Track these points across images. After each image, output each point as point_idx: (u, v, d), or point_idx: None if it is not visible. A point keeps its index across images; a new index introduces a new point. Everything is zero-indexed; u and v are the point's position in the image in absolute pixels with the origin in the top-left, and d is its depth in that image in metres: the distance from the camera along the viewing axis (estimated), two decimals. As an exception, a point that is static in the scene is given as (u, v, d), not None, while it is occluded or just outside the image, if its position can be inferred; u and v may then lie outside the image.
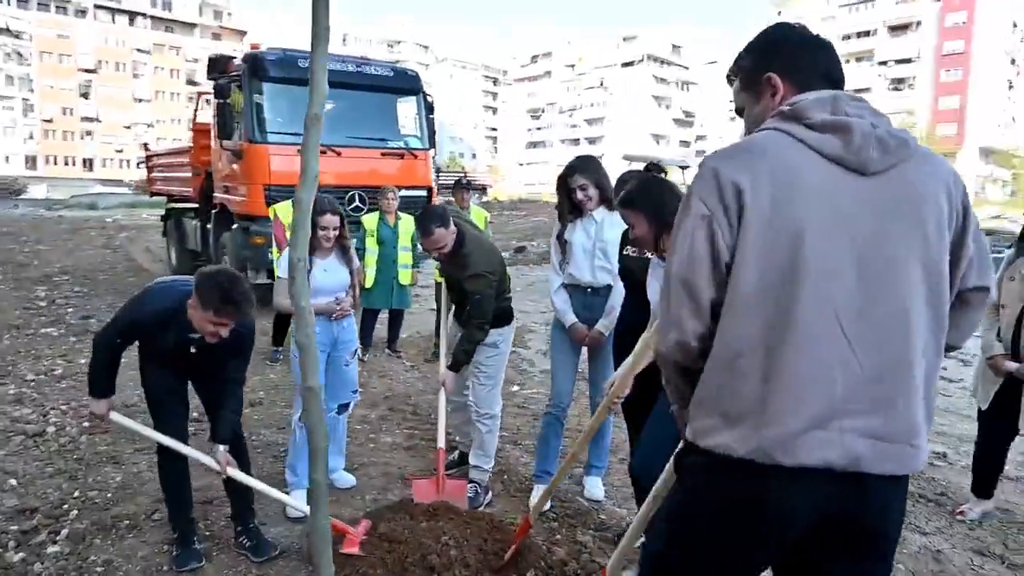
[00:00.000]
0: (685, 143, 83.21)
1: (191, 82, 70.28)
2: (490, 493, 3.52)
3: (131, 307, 2.80)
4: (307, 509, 2.72)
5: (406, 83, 9.12)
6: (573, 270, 3.44)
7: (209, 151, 9.66)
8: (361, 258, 5.66)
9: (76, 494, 3.51)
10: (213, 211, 9.31)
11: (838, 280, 1.30)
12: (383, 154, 8.82)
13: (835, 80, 1.51)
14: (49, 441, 4.22)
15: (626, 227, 3.23)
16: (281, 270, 3.51)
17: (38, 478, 3.71)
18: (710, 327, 1.39)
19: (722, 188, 1.34)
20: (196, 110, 10.65)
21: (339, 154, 8.34)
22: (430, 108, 9.28)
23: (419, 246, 6.78)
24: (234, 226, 8.53)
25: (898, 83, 63.45)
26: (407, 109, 9.33)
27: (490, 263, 3.38)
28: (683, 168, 14.41)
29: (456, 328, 3.60)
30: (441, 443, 3.50)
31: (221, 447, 2.82)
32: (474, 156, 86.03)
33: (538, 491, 3.47)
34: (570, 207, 3.42)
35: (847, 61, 66.97)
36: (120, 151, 65.78)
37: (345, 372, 3.62)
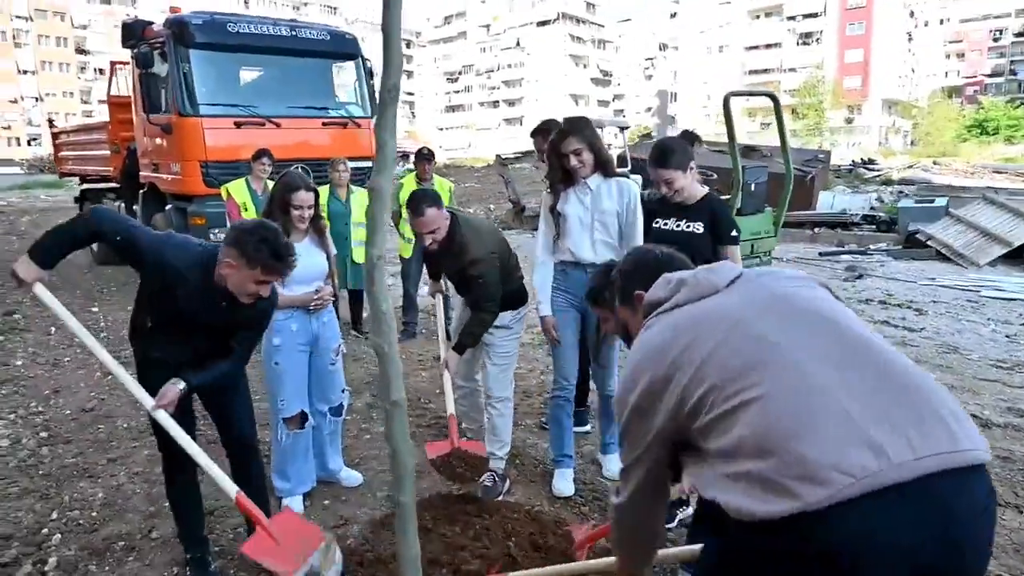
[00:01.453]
0: (604, 103, 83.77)
1: (81, 51, 65.21)
2: (508, 481, 3.40)
3: (156, 242, 2.38)
4: (231, 490, 2.41)
5: (344, 47, 8.63)
6: (570, 245, 3.23)
7: (130, 126, 8.93)
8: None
9: (54, 516, 3.18)
10: (141, 191, 8.65)
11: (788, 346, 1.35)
12: (324, 124, 8.38)
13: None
14: (6, 457, 3.81)
15: (645, 191, 3.15)
16: None
17: (3, 500, 3.34)
18: None
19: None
20: (111, 81, 9.79)
21: (278, 125, 7.86)
22: (370, 73, 8.84)
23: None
24: (167, 207, 7.96)
25: (806, 37, 65.61)
26: (345, 75, 8.87)
27: (488, 244, 3.16)
28: (623, 129, 14.37)
29: (465, 310, 3.41)
30: (451, 409, 3.23)
31: (179, 384, 2.38)
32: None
33: (560, 476, 3.37)
34: (562, 175, 3.20)
35: (757, 17, 68.75)
36: (7, 127, 60.64)
37: (332, 373, 3.34)
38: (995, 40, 76.22)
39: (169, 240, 2.43)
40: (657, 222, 3.02)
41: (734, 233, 2.94)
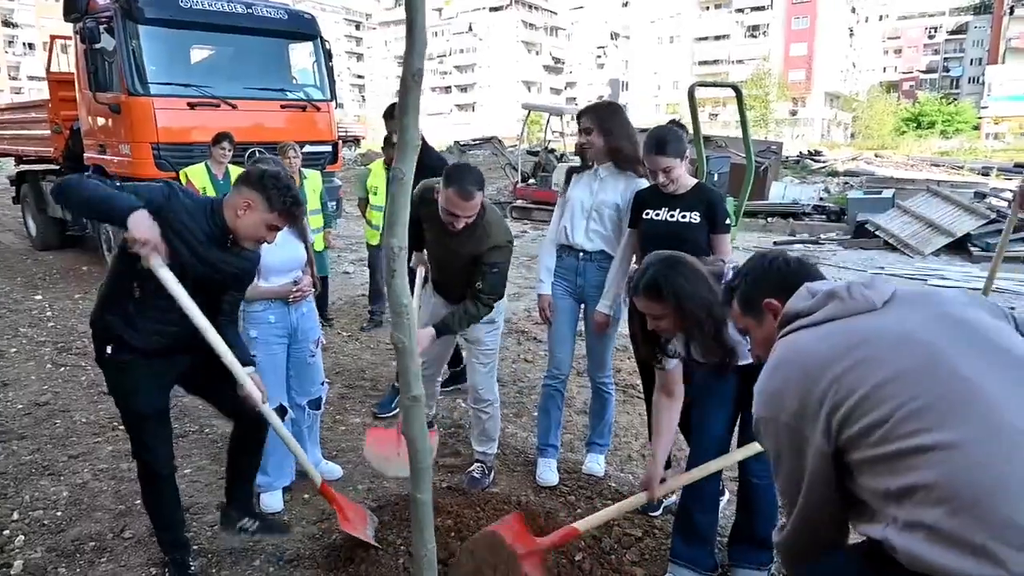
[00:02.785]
0: (556, 90, 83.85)
1: (8, 23, 61.84)
2: (492, 473, 3.37)
3: (161, 185, 2.28)
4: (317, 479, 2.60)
5: (302, 27, 8.35)
6: (567, 224, 3.23)
7: (73, 105, 8.48)
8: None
9: (15, 516, 3.00)
10: (85, 174, 8.23)
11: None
12: (283, 106, 8.12)
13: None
14: (-46, 456, 3.59)
15: (640, 189, 3.11)
16: None
17: (-45, 502, 3.15)
18: None
19: None
20: (50, 57, 9.27)
21: (235, 107, 7.58)
22: (328, 55, 8.59)
23: (328, 205, 6.34)
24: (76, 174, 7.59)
25: (754, 30, 66.90)
26: (303, 56, 8.61)
27: (506, 231, 3.05)
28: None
29: (442, 303, 3.26)
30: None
31: (249, 368, 2.41)
32: (340, 106, 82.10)
33: (544, 466, 3.36)
34: (581, 160, 3.20)
35: (707, 8, 69.73)
36: (-75, 104, 57.02)
37: (310, 365, 3.24)
38: (930, 37, 79.25)
39: (170, 184, 2.32)
40: (647, 213, 2.97)
41: (728, 221, 2.95)
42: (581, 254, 3.22)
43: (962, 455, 1.13)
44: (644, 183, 3.09)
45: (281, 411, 3.11)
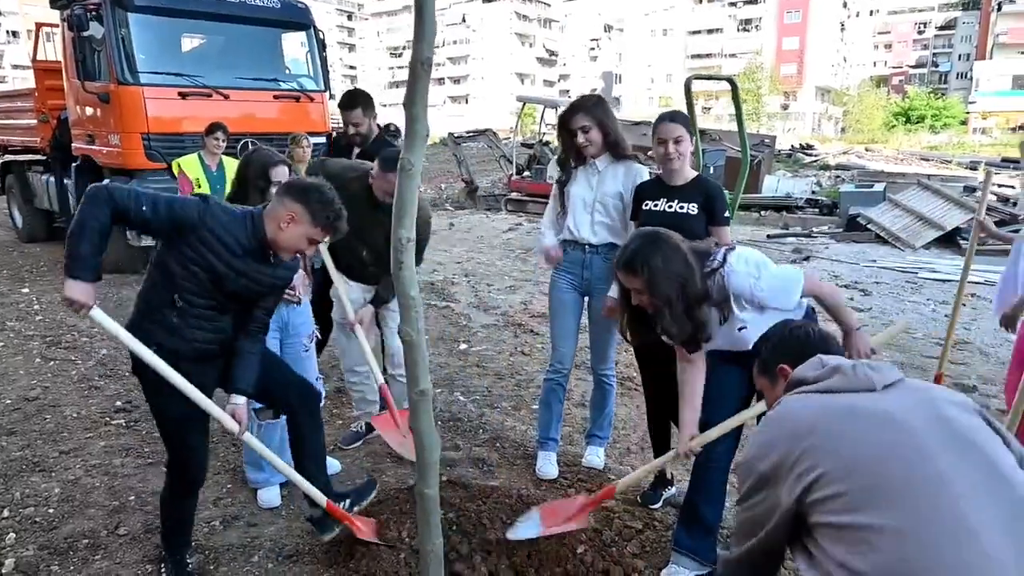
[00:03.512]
0: (549, 83, 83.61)
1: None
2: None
3: (196, 201, 2.22)
4: (321, 500, 2.53)
5: (296, 16, 8.26)
6: (570, 223, 3.20)
7: (60, 94, 8.34)
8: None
9: (6, 513, 2.94)
10: (73, 164, 8.11)
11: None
12: (276, 96, 8.04)
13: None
14: (-57, 451, 3.53)
15: (643, 181, 3.10)
16: None
17: (-56, 498, 3.09)
18: None
19: None
20: (36, 45, 9.12)
21: (227, 97, 7.50)
22: (322, 45, 8.52)
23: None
24: (105, 181, 7.48)
25: (746, 24, 66.92)
26: (296, 46, 8.51)
27: (427, 209, 3.26)
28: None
29: (359, 288, 3.42)
30: (380, 379, 3.22)
31: (240, 399, 2.37)
32: (332, 96, 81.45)
33: (544, 459, 3.34)
34: (574, 154, 3.16)
35: (700, 1, 69.64)
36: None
37: (304, 360, 3.15)
38: (919, 33, 79.54)
39: (205, 198, 2.27)
40: (647, 204, 2.95)
41: (727, 213, 2.93)
42: (587, 247, 3.20)
43: (919, 544, 1.18)
44: (644, 170, 3.12)
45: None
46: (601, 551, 2.62)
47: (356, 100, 3.97)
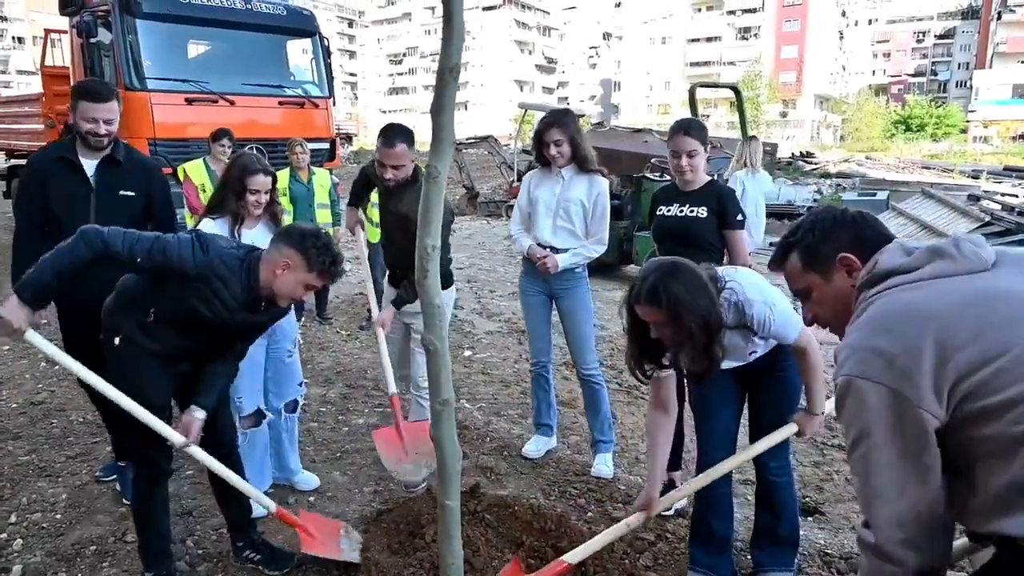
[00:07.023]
0: (548, 90, 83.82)
1: (-4, 16, 61.19)
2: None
3: (196, 253, 2.20)
4: (271, 506, 2.58)
5: (301, 23, 8.32)
6: (535, 228, 3.40)
7: (67, 99, 8.28)
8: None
9: (13, 519, 2.93)
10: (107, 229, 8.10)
11: None
12: (280, 103, 8.05)
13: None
14: (-52, 456, 3.51)
15: (663, 186, 3.18)
16: None
17: (-50, 503, 3.07)
18: None
19: None
20: (44, 51, 9.14)
21: (233, 103, 7.51)
22: (327, 52, 8.55)
23: (338, 203, 6.29)
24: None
25: (745, 32, 67.13)
26: (301, 53, 8.54)
27: (450, 207, 3.17)
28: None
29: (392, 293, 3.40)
30: (392, 389, 3.24)
31: (198, 413, 2.32)
32: (333, 104, 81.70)
33: (535, 440, 3.59)
34: (542, 163, 3.37)
35: (699, 10, 69.91)
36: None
37: (288, 366, 3.16)
38: (918, 41, 79.75)
39: (209, 245, 2.23)
40: (660, 210, 3.03)
41: (740, 217, 2.94)
42: (549, 251, 3.35)
43: None
44: (605, 183, 3.32)
45: (258, 416, 3.05)
46: (613, 563, 2.60)
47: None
